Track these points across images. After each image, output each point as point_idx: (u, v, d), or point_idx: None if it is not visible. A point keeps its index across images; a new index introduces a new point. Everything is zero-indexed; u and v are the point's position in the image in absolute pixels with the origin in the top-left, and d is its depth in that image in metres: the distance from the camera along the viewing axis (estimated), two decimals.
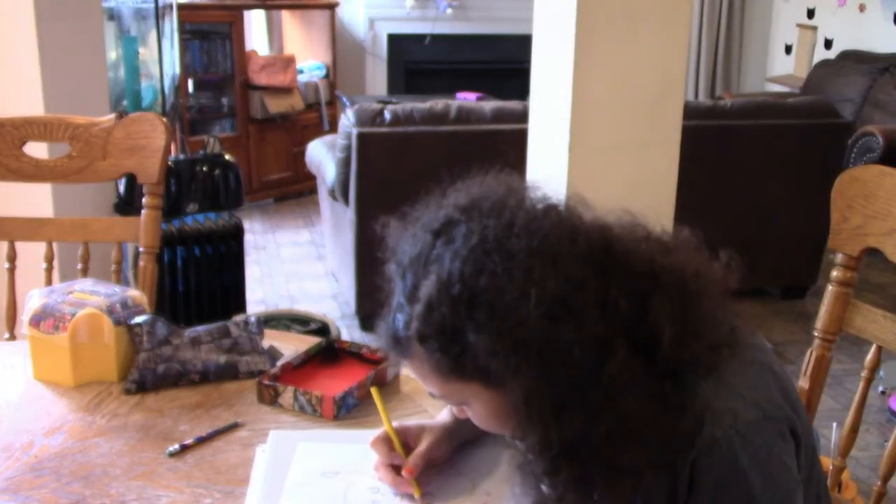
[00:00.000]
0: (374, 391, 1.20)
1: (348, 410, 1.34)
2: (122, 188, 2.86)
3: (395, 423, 1.16)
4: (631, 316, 0.91)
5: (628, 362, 0.89)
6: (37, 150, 1.83)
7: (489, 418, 0.99)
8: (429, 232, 0.94)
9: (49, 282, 1.82)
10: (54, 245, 1.84)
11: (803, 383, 1.44)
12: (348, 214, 3.55)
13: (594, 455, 0.90)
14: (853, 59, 5.67)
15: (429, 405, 1.35)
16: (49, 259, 1.83)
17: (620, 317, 0.90)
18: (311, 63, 5.98)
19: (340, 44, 6.27)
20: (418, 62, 6.70)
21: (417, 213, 0.98)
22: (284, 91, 5.60)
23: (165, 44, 3.64)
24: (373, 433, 1.17)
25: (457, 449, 1.19)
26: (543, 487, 0.94)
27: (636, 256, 0.95)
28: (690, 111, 3.53)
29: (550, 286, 0.87)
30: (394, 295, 0.96)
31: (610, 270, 0.92)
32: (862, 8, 5.83)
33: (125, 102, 3.32)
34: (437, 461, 1.16)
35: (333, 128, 5.64)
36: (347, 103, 5.26)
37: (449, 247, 0.91)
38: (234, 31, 5.38)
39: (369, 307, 3.61)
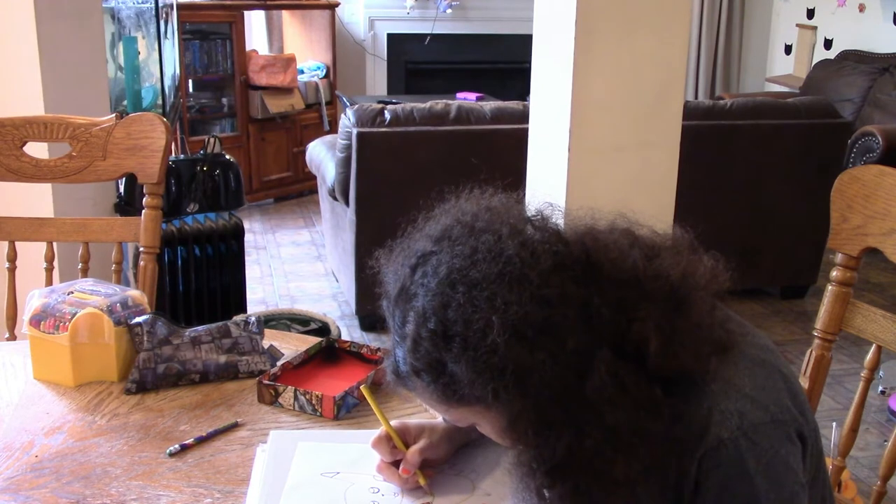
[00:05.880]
0: (365, 392, 1.20)
1: (348, 410, 1.34)
2: (122, 188, 2.86)
3: (394, 422, 1.17)
4: (616, 325, 0.90)
5: (614, 373, 0.89)
6: (37, 150, 1.83)
7: (500, 437, 0.99)
8: (407, 267, 0.96)
9: (49, 282, 1.82)
10: (54, 245, 1.84)
11: (803, 383, 1.43)
12: (348, 214, 3.55)
13: (587, 468, 0.91)
14: (853, 59, 5.68)
15: (428, 406, 1.34)
16: (49, 259, 1.83)
17: (604, 327, 0.90)
18: (311, 63, 5.98)
19: (340, 44, 6.27)
20: (418, 62, 6.70)
21: (400, 247, 0.99)
22: (284, 91, 5.60)
23: (165, 44, 3.64)
24: (373, 433, 1.17)
25: (457, 450, 1.19)
26: (541, 500, 0.94)
27: (620, 264, 0.94)
28: (690, 111, 3.55)
29: (515, 310, 0.87)
30: (391, 332, 0.98)
31: (591, 281, 0.92)
32: (862, 8, 5.83)
33: (125, 102, 3.31)
34: (436, 461, 1.16)
35: (333, 128, 5.65)
36: (347, 103, 5.26)
37: (423, 281, 0.93)
38: (234, 31, 5.39)
39: (369, 307, 3.60)
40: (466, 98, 5.43)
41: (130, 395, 1.38)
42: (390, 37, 6.59)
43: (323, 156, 3.94)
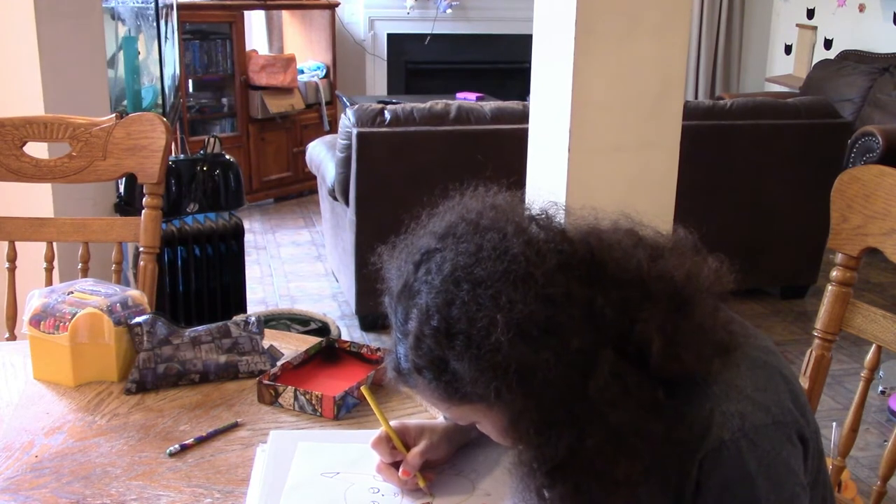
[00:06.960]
0: (366, 392, 1.20)
1: (348, 410, 1.34)
2: (122, 188, 2.86)
3: (394, 423, 1.17)
4: (619, 326, 0.90)
5: (617, 374, 0.89)
6: (37, 150, 1.83)
7: (501, 436, 0.99)
8: (410, 263, 0.95)
9: (49, 282, 1.82)
10: (54, 245, 1.84)
11: (803, 383, 1.43)
12: (348, 214, 3.55)
13: (588, 468, 0.91)
14: (853, 59, 5.68)
15: (429, 404, 1.34)
16: (49, 259, 1.83)
17: (607, 328, 0.90)
18: (311, 63, 5.99)
19: (340, 44, 6.27)
20: (418, 62, 6.70)
21: (403, 244, 0.99)
22: (284, 91, 5.60)
23: (165, 44, 3.64)
24: (373, 433, 1.17)
25: (456, 450, 1.19)
26: (541, 500, 0.94)
27: (624, 265, 0.94)
28: (690, 111, 3.55)
29: (519, 309, 0.87)
30: (392, 328, 0.97)
31: (595, 281, 0.91)
32: (862, 8, 5.83)
33: (125, 102, 3.31)
34: (435, 462, 1.16)
35: (333, 128, 5.65)
36: (347, 103, 5.26)
37: (427, 278, 0.92)
38: (234, 31, 5.39)
39: (369, 307, 3.61)
40: (466, 98, 5.43)
41: (130, 395, 1.38)
42: (390, 37, 6.59)
43: (323, 156, 3.94)
